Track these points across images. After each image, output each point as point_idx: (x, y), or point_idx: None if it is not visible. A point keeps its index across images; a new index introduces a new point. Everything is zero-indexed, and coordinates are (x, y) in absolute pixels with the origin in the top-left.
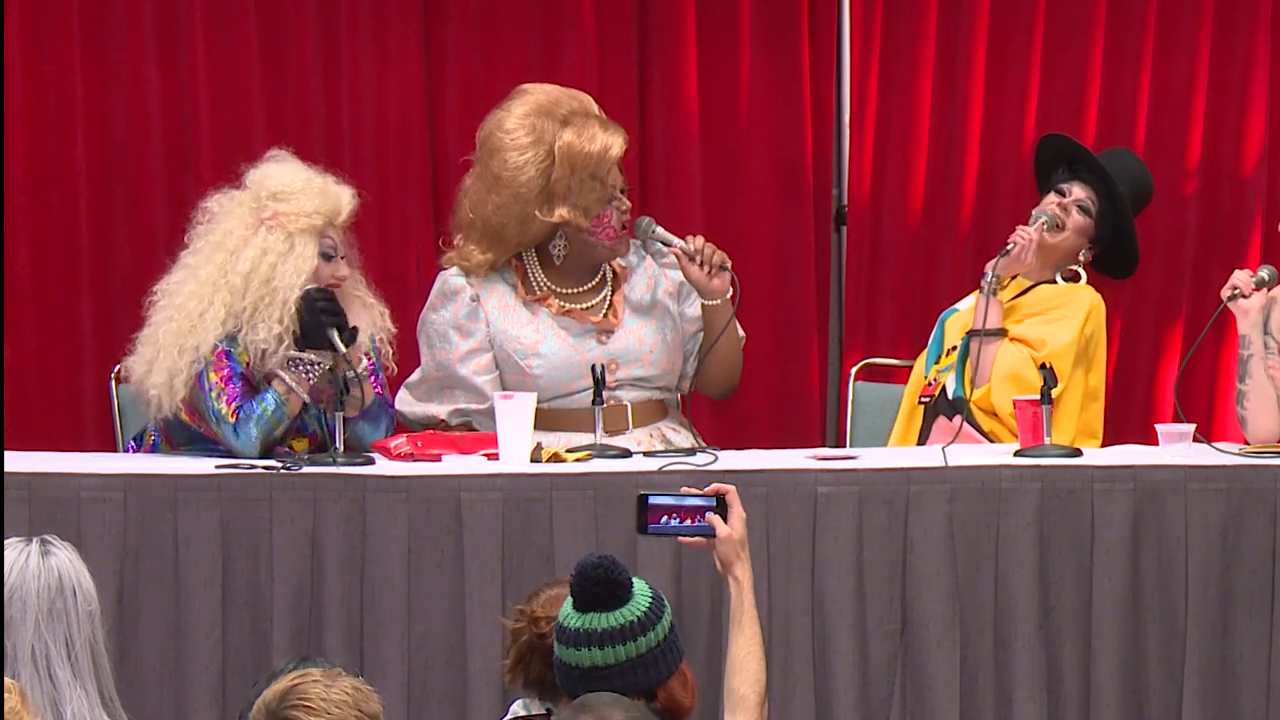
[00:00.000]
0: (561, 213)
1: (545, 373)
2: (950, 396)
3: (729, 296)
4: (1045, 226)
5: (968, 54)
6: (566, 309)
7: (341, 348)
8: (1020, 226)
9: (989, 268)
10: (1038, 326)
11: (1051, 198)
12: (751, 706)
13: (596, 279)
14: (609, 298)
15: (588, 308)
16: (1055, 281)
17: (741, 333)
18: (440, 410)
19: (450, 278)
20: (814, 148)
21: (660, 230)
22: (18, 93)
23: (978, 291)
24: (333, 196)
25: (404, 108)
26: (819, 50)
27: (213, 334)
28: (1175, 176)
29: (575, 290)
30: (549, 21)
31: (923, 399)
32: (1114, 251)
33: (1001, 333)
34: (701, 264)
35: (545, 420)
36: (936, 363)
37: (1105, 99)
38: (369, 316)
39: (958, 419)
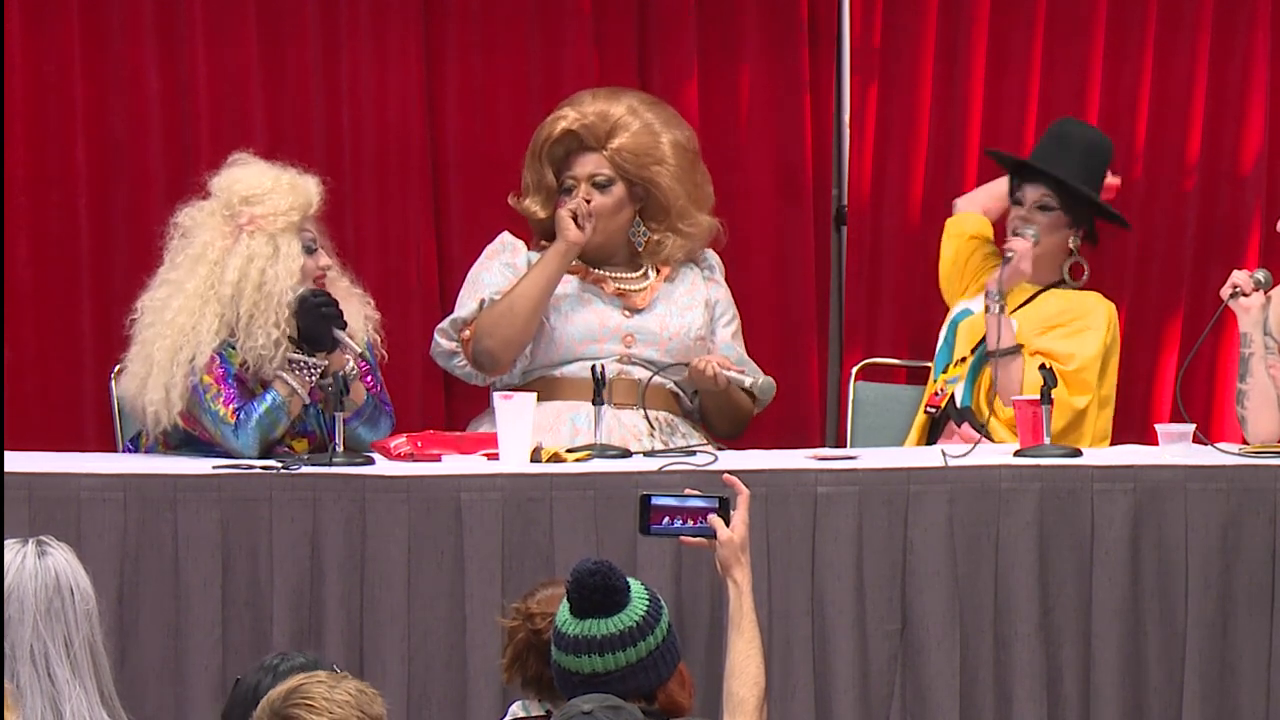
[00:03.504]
0: (524, 204)
1: (560, 326)
2: (959, 405)
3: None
4: (1034, 240)
5: (968, 54)
6: (597, 277)
7: (351, 343)
8: (1013, 236)
9: (991, 285)
10: (1062, 340)
11: (1013, 210)
12: (751, 709)
13: (639, 270)
14: (650, 285)
15: (626, 289)
16: (1063, 280)
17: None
18: (464, 311)
19: (505, 235)
20: (814, 148)
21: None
22: (18, 93)
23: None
24: (302, 190)
25: (404, 108)
26: (819, 51)
27: (208, 346)
28: (1175, 175)
29: (615, 274)
30: (549, 21)
31: (929, 409)
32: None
33: (1018, 349)
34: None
35: (552, 389)
36: (945, 371)
37: (1105, 99)
38: (354, 306)
39: (966, 427)
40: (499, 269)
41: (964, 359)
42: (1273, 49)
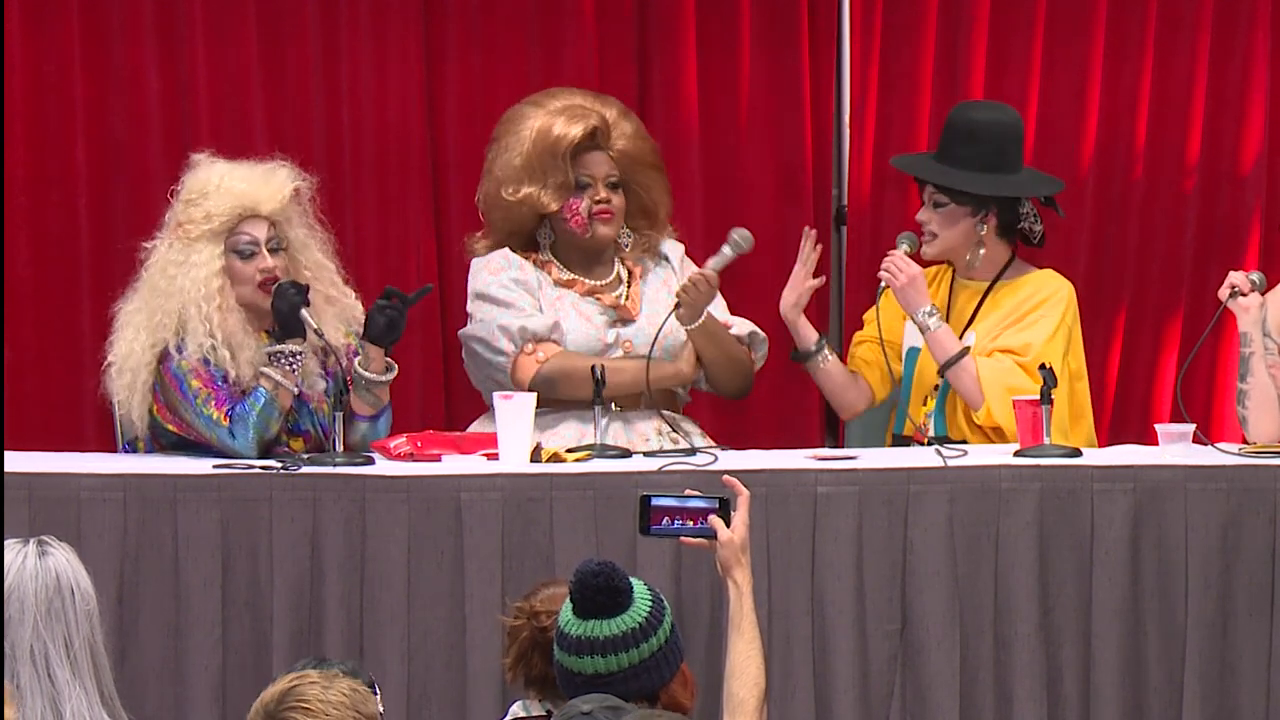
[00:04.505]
0: (522, 191)
1: (565, 346)
2: (934, 435)
3: (699, 323)
4: (907, 251)
5: (968, 54)
6: (591, 288)
7: (313, 323)
8: (887, 259)
9: (913, 313)
10: (1014, 335)
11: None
12: (751, 710)
13: (613, 275)
14: (626, 292)
15: (618, 300)
16: (1010, 262)
17: (761, 344)
18: (536, 324)
19: (505, 251)
20: (814, 148)
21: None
22: (18, 93)
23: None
24: (240, 194)
25: (404, 108)
26: (819, 50)
27: (145, 347)
28: (1175, 175)
29: (597, 283)
30: (549, 21)
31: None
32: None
33: (964, 352)
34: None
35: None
36: (924, 404)
37: (1105, 99)
38: (334, 311)
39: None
40: (509, 284)
41: (936, 386)
42: (1273, 49)
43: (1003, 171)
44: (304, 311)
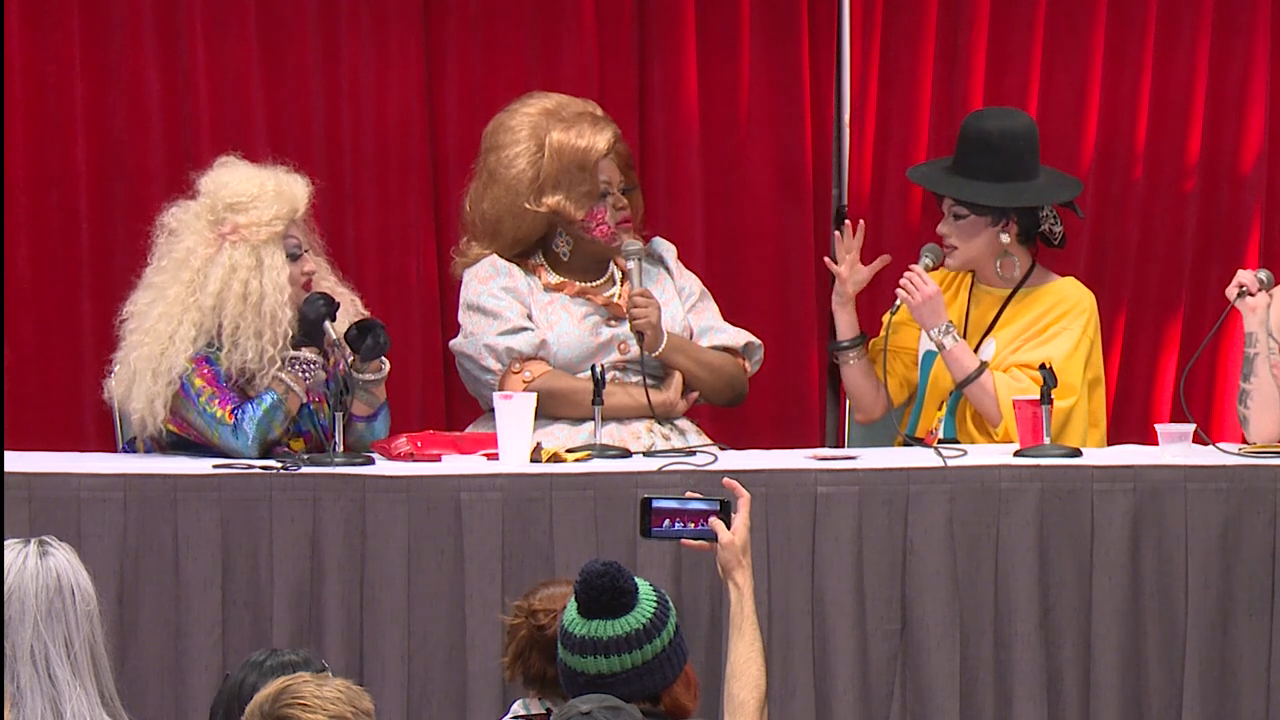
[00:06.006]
0: (549, 202)
1: (559, 350)
2: (943, 438)
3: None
4: (930, 265)
5: (968, 54)
6: (581, 289)
7: (333, 334)
8: (906, 275)
9: (927, 328)
10: (1033, 351)
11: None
12: (751, 712)
13: (604, 277)
14: (617, 294)
15: (609, 300)
16: (1031, 268)
17: (756, 351)
18: (521, 344)
19: (495, 258)
20: (814, 148)
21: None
22: (18, 93)
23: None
24: (287, 196)
25: (404, 108)
26: (819, 50)
27: (184, 355)
28: (1175, 175)
29: (587, 284)
30: (549, 21)
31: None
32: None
33: (981, 368)
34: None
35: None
36: (939, 409)
37: (1105, 99)
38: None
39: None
40: (500, 293)
41: (950, 391)
42: (1273, 49)
43: (1019, 179)
44: (328, 324)
